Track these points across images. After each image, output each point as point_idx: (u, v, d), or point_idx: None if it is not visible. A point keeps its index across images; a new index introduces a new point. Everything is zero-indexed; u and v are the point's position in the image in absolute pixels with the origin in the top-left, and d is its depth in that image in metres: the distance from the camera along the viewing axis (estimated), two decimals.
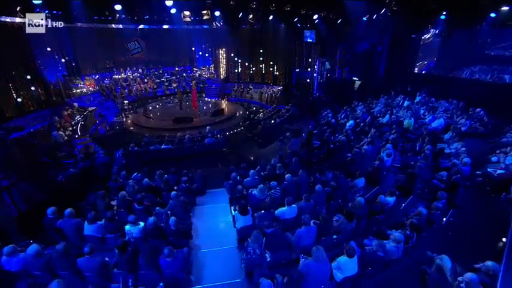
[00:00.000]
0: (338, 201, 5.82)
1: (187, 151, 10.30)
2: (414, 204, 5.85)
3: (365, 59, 16.27)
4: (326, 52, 16.83)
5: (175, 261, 3.88)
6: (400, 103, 13.41)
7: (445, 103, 11.96)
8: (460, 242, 4.81)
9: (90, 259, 3.78)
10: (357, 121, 11.77)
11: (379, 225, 4.92)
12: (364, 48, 16.03)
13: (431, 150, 7.32)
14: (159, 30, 20.66)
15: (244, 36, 20.61)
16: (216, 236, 5.72)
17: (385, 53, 15.59)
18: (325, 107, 14.51)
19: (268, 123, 13.05)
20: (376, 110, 12.94)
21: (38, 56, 15.03)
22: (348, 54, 16.81)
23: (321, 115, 13.71)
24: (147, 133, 11.95)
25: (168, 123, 14.18)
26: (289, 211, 5.22)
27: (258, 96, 19.76)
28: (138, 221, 4.88)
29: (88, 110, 14.46)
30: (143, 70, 21.70)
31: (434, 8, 13.11)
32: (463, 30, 15.17)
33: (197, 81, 21.55)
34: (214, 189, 8.00)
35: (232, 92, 20.79)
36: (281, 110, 14.82)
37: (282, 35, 19.55)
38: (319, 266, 3.66)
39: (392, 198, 5.41)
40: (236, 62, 22.59)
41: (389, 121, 11.09)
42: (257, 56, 21.43)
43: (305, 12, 12.74)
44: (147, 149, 9.87)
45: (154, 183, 7.05)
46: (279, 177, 7.03)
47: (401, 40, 14.89)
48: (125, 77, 20.19)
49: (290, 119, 13.26)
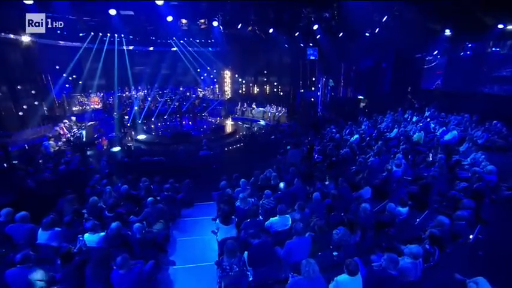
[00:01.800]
0: (340, 214, 4.98)
1: (181, 164, 9.66)
2: (431, 219, 4.95)
3: (370, 76, 15.91)
4: (329, 69, 16.59)
5: (129, 274, 3.07)
6: (408, 118, 12.70)
7: (456, 117, 11.21)
8: (494, 264, 3.85)
9: (21, 271, 2.99)
10: (363, 136, 11.07)
11: (390, 240, 4.03)
12: (368, 65, 15.74)
13: (445, 159, 6.47)
14: (165, 52, 21.22)
15: (248, 58, 20.95)
16: (196, 251, 4.88)
17: (390, 70, 15.20)
18: (329, 124, 13.90)
19: (268, 138, 12.42)
20: (383, 126, 12.23)
21: (46, 72, 15.43)
22: (352, 71, 16.52)
23: (324, 132, 13.06)
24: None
25: (167, 139, 13.73)
26: (280, 222, 4.41)
27: (261, 116, 19.44)
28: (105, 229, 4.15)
29: (87, 124, 14.19)
30: (148, 89, 21.89)
31: (437, 27, 12.89)
32: (470, 49, 14.83)
33: (200, 100, 21.52)
34: (204, 203, 7.24)
35: (236, 112, 20.56)
36: (282, 126, 14.27)
37: (285, 55, 19.76)
38: (311, 285, 2.80)
39: (405, 209, 4.53)
40: (240, 83, 22.79)
41: (398, 135, 10.34)
42: (261, 77, 21.60)
43: (305, 24, 12.55)
44: (137, 160, 9.29)
45: (135, 191, 6.36)
46: (273, 188, 6.26)
47: (406, 57, 14.55)
48: (129, 95, 20.32)
49: (291, 135, 12.63)
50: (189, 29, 15.84)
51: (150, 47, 20.21)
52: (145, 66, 21.85)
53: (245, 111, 20.26)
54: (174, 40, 19.92)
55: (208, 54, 22.03)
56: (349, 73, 17.08)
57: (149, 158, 9.33)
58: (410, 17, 11.96)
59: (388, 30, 12.76)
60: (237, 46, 18.91)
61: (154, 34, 17.82)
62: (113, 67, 19.53)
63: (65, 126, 12.90)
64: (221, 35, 17.57)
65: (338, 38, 14.20)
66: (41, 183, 6.00)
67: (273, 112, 18.84)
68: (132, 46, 19.56)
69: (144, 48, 20.52)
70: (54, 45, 16.25)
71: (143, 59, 21.47)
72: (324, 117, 15.54)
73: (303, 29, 13.73)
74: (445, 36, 13.33)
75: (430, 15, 11.95)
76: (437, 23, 12.82)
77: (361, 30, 13.33)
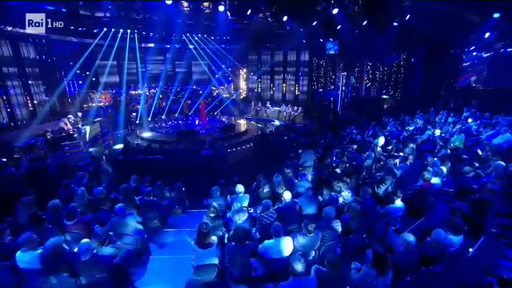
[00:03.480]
0: (361, 236, 3.73)
1: (180, 163, 8.70)
2: (490, 251, 3.57)
3: (396, 72, 14.26)
4: (351, 66, 15.12)
5: None
6: (442, 119, 11.02)
7: (505, 118, 9.42)
8: None
9: None
10: (388, 138, 9.59)
11: (438, 284, 2.73)
12: (395, 60, 14.11)
13: (504, 168, 4.97)
14: (178, 49, 20.74)
15: (262, 54, 20.25)
16: (167, 275, 3.81)
17: (420, 65, 13.46)
18: (349, 124, 12.46)
19: (280, 139, 11.18)
20: (413, 128, 10.65)
21: (60, 68, 15.48)
22: (376, 67, 14.94)
23: (344, 133, 11.65)
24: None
25: (172, 137, 12.90)
26: (276, 247, 3.23)
27: (276, 115, 18.32)
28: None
29: (92, 120, 13.70)
30: (160, 87, 21.43)
31: (477, 17, 11.09)
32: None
33: (212, 98, 20.76)
34: (200, 210, 6.19)
35: (250, 111, 19.57)
36: (297, 126, 13.01)
37: (302, 50, 18.60)
38: None
39: (459, 237, 3.19)
40: (255, 81, 21.91)
41: (431, 137, 8.79)
42: (277, 75, 20.80)
43: (323, 8, 11.11)
44: (133, 159, 8.44)
45: (115, 194, 5.43)
46: (277, 197, 5.10)
47: (440, 51, 12.78)
48: (140, 93, 19.89)
49: (306, 135, 11.34)
50: (194, 18, 14.87)
51: (162, 44, 19.76)
52: (158, 64, 21.48)
53: (259, 111, 19.24)
54: (188, 37, 19.35)
55: (222, 51, 21.30)
56: (373, 70, 15.48)
57: (145, 156, 8.45)
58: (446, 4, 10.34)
59: (420, 19, 11.13)
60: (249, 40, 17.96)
61: (162, 28, 17.21)
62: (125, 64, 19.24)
63: (69, 121, 12.41)
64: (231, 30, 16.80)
65: (361, 28, 12.70)
66: (7, 179, 5.22)
67: (288, 112, 17.67)
68: (145, 43, 19.27)
69: (158, 46, 20.14)
70: (69, 41, 16.20)
71: (156, 56, 21.09)
72: (344, 117, 14.09)
73: (321, 16, 12.27)
74: (489, 27, 11.52)
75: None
76: (480, 11, 11.03)
77: (388, 19, 11.77)
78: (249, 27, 16.34)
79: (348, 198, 4.77)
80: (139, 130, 14.45)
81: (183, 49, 20.90)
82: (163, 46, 20.38)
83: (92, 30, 15.91)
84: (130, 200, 4.98)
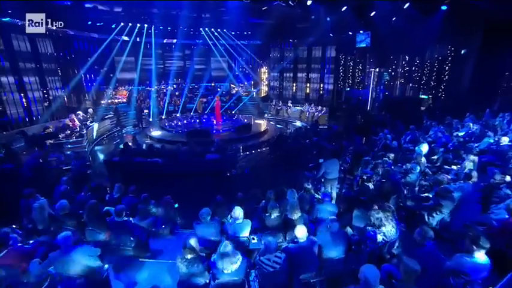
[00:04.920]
0: None
1: (182, 168, 7.61)
2: None
3: (440, 68, 12.21)
4: (384, 61, 13.25)
5: None
6: (503, 124, 8.96)
7: None
8: None
9: None
10: (433, 146, 7.79)
11: None
12: (439, 53, 12.06)
13: None
14: (196, 45, 19.93)
15: (287, 51, 19.14)
16: None
17: (472, 59, 11.27)
18: (382, 127, 10.68)
19: (300, 142, 9.72)
20: (465, 134, 8.72)
21: (78, 64, 15.41)
22: (415, 62, 12.93)
23: (375, 137, 9.95)
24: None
25: (182, 136, 11.90)
26: None
27: (297, 115, 16.84)
28: None
29: (102, 116, 13.10)
30: (178, 84, 20.74)
31: None
32: None
33: (230, 96, 19.69)
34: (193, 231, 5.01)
35: (270, 110, 18.26)
36: (320, 127, 11.47)
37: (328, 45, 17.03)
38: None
39: None
40: (276, 78, 20.59)
41: (494, 146, 6.92)
42: (300, 72, 19.46)
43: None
44: (130, 161, 7.46)
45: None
46: (290, 226, 3.75)
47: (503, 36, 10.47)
48: (158, 90, 19.33)
49: (330, 138, 9.79)
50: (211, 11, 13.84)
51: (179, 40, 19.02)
52: (175, 60, 20.83)
53: (280, 110, 17.82)
54: (206, 32, 18.45)
55: (243, 47, 20.17)
56: (410, 65, 13.44)
57: (143, 159, 7.43)
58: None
59: None
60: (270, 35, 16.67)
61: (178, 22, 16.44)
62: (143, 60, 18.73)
63: (78, 118, 11.85)
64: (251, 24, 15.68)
65: (400, 14, 10.81)
66: None
67: (311, 112, 16.09)
68: (163, 39, 18.66)
69: (176, 41, 19.49)
70: (88, 38, 15.94)
71: (173, 53, 20.47)
72: (375, 119, 12.30)
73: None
74: None
75: None
76: None
77: (435, 2, 9.81)
78: (270, 20, 15.07)
79: (391, 235, 3.30)
80: (152, 128, 13.66)
81: (201, 45, 20.07)
82: (182, 42, 19.71)
83: (110, 25, 15.60)
84: (98, 220, 3.87)
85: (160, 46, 19.29)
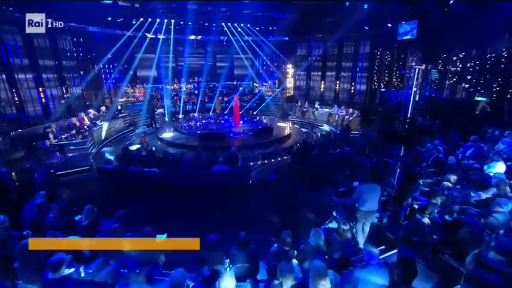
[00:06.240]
0: None
1: (183, 181, 6.41)
2: None
3: (503, 65, 9.90)
4: (432, 56, 11.13)
5: None
6: None
7: None
8: None
9: None
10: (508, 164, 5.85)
11: None
12: (503, 48, 9.77)
13: None
14: (218, 41, 18.88)
15: (315, 48, 17.95)
16: None
17: None
18: (430, 136, 8.69)
19: (328, 152, 8.07)
20: None
21: (99, 61, 15.14)
22: (471, 58, 10.69)
23: (422, 149, 8.04)
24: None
25: (194, 140, 10.79)
26: None
27: (325, 118, 15.16)
28: None
29: (113, 115, 12.39)
30: (198, 83, 19.81)
31: None
32: None
33: (251, 95, 18.41)
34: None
35: (294, 111, 16.75)
36: (352, 134, 9.73)
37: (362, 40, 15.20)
38: None
39: None
40: (303, 78, 19.00)
41: None
42: (329, 71, 17.96)
43: None
44: (123, 170, 6.41)
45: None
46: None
47: None
48: (176, 88, 18.55)
49: (364, 149, 8.04)
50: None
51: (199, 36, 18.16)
52: (196, 58, 19.94)
53: (306, 112, 16.24)
54: (229, 28, 17.31)
55: (268, 43, 18.74)
56: (464, 61, 11.15)
57: (139, 168, 6.32)
58: None
59: None
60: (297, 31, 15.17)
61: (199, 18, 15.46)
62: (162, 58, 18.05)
63: (88, 117, 11.22)
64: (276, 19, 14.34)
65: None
66: None
67: (341, 115, 14.37)
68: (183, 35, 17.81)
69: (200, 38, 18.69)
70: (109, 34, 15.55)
71: (193, 50, 19.58)
72: (420, 127, 10.28)
73: None
74: None
75: None
76: None
77: None
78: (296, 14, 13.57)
79: None
80: (165, 129, 12.75)
81: (223, 41, 19.06)
82: (203, 38, 18.82)
83: (131, 20, 15.06)
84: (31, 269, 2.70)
85: (180, 43, 18.47)
